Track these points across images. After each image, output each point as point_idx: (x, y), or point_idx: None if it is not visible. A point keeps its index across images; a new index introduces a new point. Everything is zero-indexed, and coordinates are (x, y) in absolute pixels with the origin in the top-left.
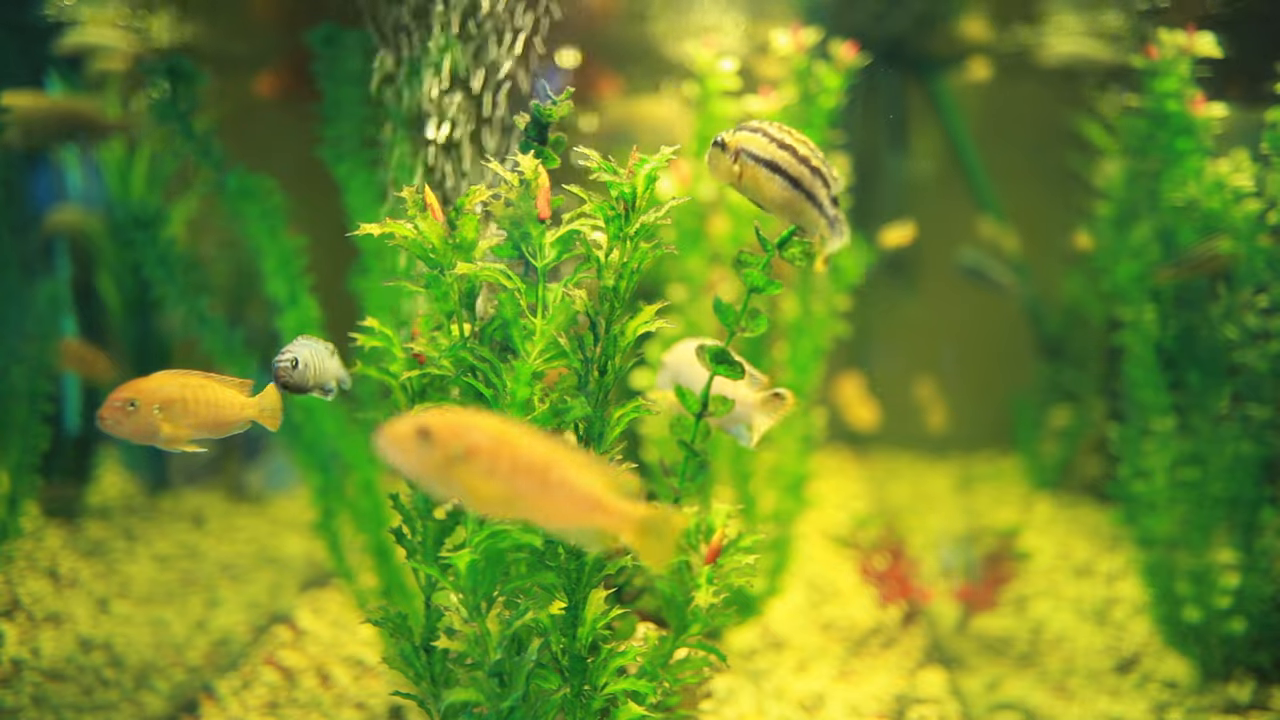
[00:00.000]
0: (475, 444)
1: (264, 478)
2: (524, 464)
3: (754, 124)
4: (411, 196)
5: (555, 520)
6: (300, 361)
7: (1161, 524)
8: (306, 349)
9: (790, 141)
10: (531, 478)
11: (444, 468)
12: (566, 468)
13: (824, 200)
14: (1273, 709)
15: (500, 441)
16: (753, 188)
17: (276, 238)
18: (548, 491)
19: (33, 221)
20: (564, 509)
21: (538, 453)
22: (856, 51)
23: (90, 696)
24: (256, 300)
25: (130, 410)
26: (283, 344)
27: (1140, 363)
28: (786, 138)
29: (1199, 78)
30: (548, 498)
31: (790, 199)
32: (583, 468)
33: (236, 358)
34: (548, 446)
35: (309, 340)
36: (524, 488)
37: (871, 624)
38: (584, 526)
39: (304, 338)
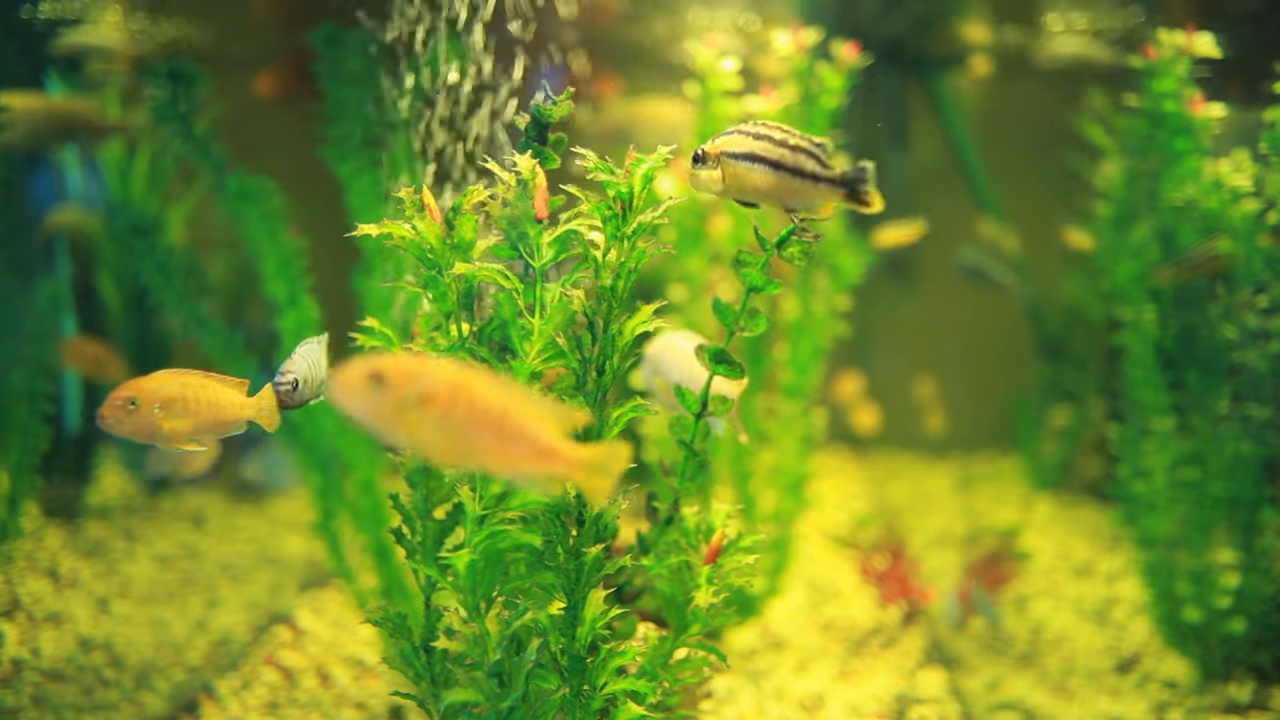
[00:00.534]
0: (430, 391)
1: (260, 469)
2: (480, 413)
3: (731, 129)
4: (409, 197)
5: (507, 468)
6: (300, 382)
7: (1161, 524)
8: (304, 363)
9: (765, 131)
10: (487, 427)
11: (396, 414)
12: (521, 416)
13: (814, 169)
14: (1273, 709)
15: (456, 388)
16: (737, 186)
17: (276, 240)
18: (503, 441)
19: (33, 221)
20: (517, 457)
21: (494, 401)
22: (858, 52)
23: (90, 696)
24: (256, 300)
25: (131, 409)
26: (281, 347)
27: (1140, 363)
28: (762, 129)
29: (1198, 78)
30: (502, 446)
31: (776, 182)
32: (536, 415)
33: (236, 360)
34: (502, 394)
35: (306, 346)
36: (480, 437)
37: (871, 624)
38: (536, 472)
39: (302, 346)
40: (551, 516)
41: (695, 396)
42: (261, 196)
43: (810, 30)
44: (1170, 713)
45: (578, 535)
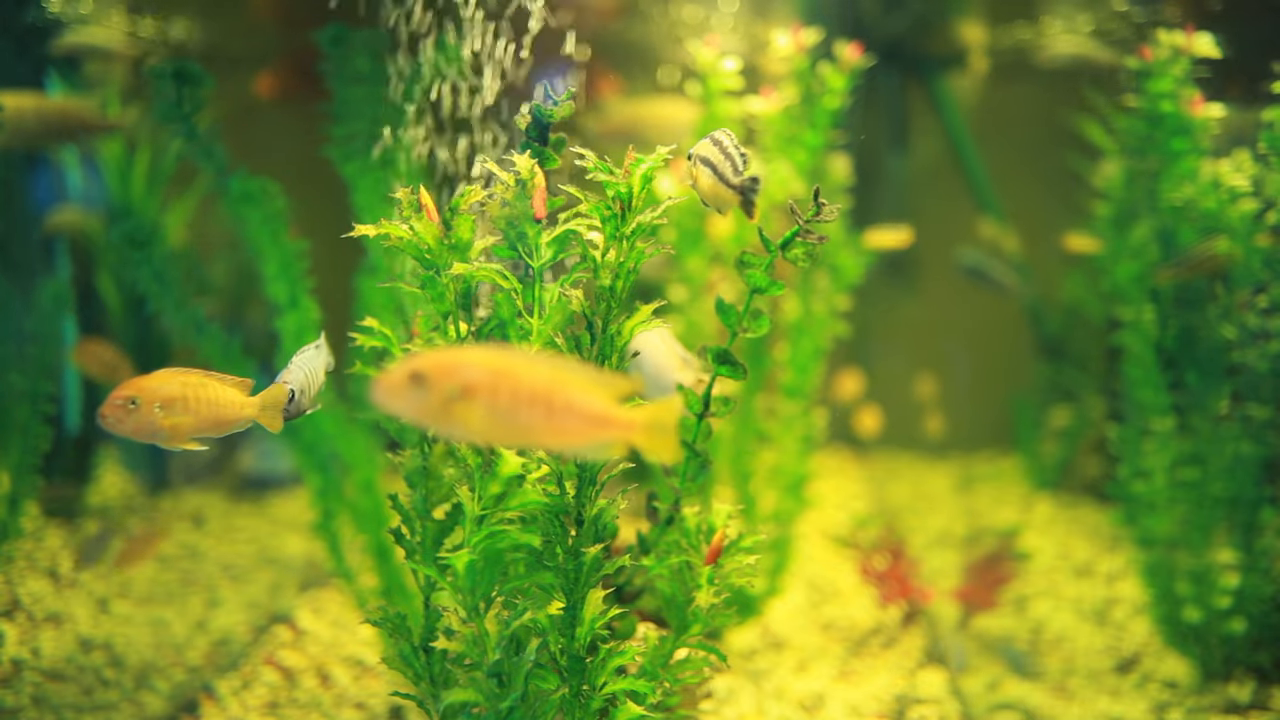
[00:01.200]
0: (471, 381)
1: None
2: (526, 394)
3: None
4: (407, 197)
5: (563, 442)
6: (297, 392)
7: (1161, 524)
8: (301, 372)
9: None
10: (535, 407)
11: (442, 410)
12: (569, 389)
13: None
14: (1273, 709)
15: (498, 374)
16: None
17: (278, 241)
18: (553, 417)
19: (33, 221)
20: (572, 430)
21: (540, 379)
22: (861, 53)
23: (90, 696)
24: (257, 301)
25: (131, 408)
26: (281, 349)
27: (1140, 363)
28: (719, 136)
29: (1198, 78)
30: (554, 423)
31: (712, 184)
32: (583, 386)
33: (235, 365)
34: (547, 371)
35: (302, 355)
36: (529, 418)
37: (871, 624)
38: (593, 442)
39: (298, 355)
40: (550, 516)
41: (697, 397)
42: (263, 198)
43: (810, 30)
44: (1170, 713)
45: (577, 535)
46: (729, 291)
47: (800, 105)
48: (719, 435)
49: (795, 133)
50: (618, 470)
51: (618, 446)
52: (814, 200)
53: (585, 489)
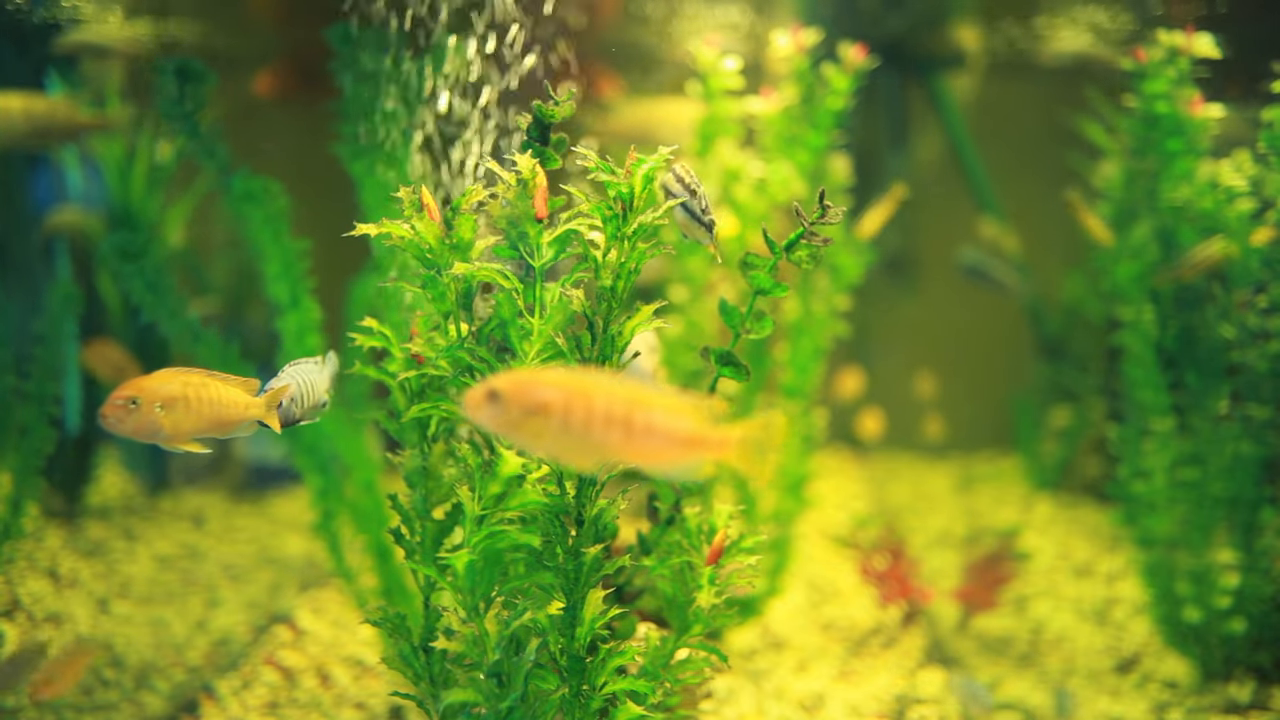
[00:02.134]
0: (544, 400)
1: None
2: (601, 414)
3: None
4: (408, 196)
5: (653, 461)
6: (285, 400)
7: (1161, 524)
8: (293, 383)
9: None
10: (613, 426)
11: (516, 425)
12: (652, 411)
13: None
14: (1273, 709)
15: (570, 394)
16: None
17: (280, 241)
18: (634, 438)
19: (33, 222)
20: (659, 451)
21: (617, 400)
22: (866, 54)
23: (90, 696)
24: (257, 301)
25: (132, 408)
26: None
27: (1140, 363)
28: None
29: (1198, 78)
30: (637, 443)
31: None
32: (669, 409)
33: (232, 369)
34: (625, 392)
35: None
36: (608, 436)
37: (871, 624)
38: (687, 464)
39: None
40: (550, 517)
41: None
42: (266, 197)
43: (810, 30)
44: (1170, 713)
45: (577, 535)
46: (729, 292)
47: (800, 105)
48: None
49: (795, 133)
50: (618, 470)
51: (708, 466)
52: (819, 202)
53: (585, 489)
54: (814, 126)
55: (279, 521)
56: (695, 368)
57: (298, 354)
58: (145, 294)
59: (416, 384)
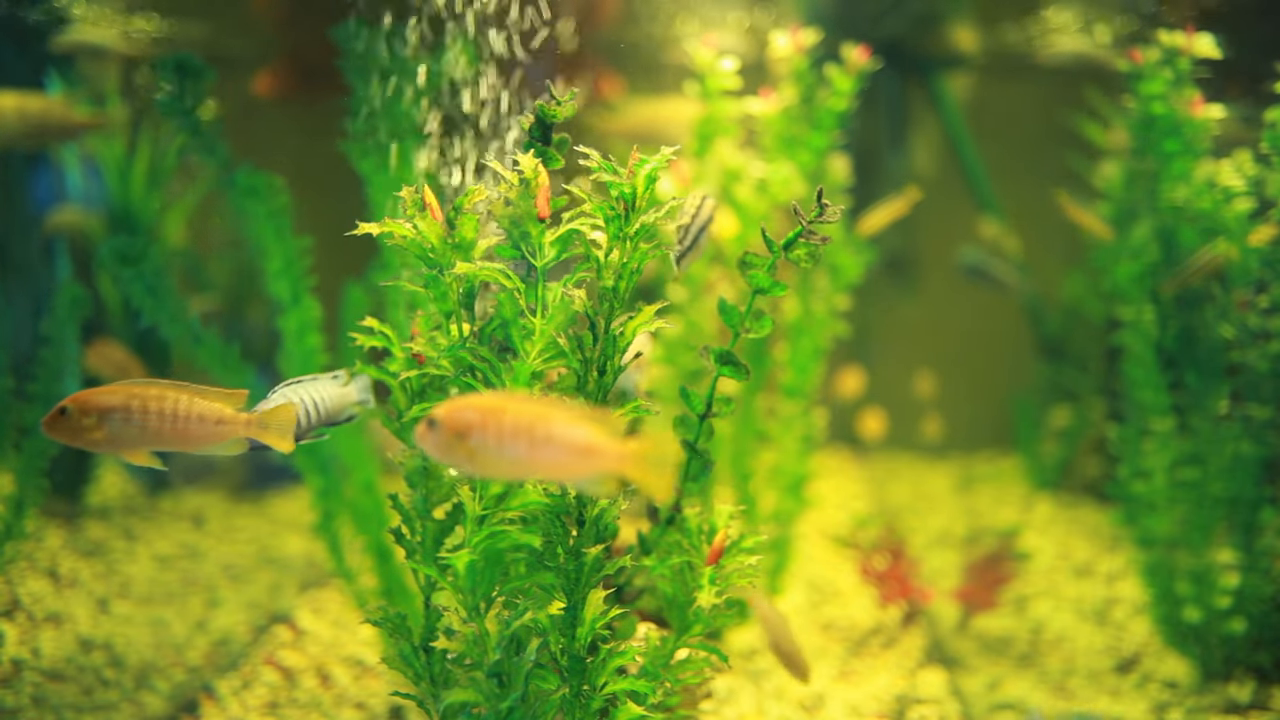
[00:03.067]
0: (468, 421)
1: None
2: (509, 428)
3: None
4: (410, 196)
5: (559, 472)
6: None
7: (1161, 524)
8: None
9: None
10: (520, 439)
11: (452, 448)
12: (552, 423)
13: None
14: (1273, 709)
15: (487, 413)
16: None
17: (282, 237)
18: (537, 448)
19: (33, 222)
20: (562, 460)
21: (523, 415)
22: (869, 55)
23: (90, 696)
24: (257, 300)
25: (60, 417)
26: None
27: (1140, 363)
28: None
29: (1198, 78)
30: (541, 453)
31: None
32: (569, 420)
33: (233, 371)
34: (533, 408)
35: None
36: (517, 449)
37: (871, 624)
38: (586, 473)
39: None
40: (551, 517)
41: (700, 398)
42: (268, 193)
43: (809, 30)
44: (1170, 713)
45: (578, 535)
46: (729, 291)
47: (800, 105)
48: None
49: (795, 133)
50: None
51: (610, 478)
52: (817, 201)
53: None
54: (815, 127)
55: (279, 521)
56: (695, 367)
57: (299, 353)
58: (145, 297)
59: (418, 384)
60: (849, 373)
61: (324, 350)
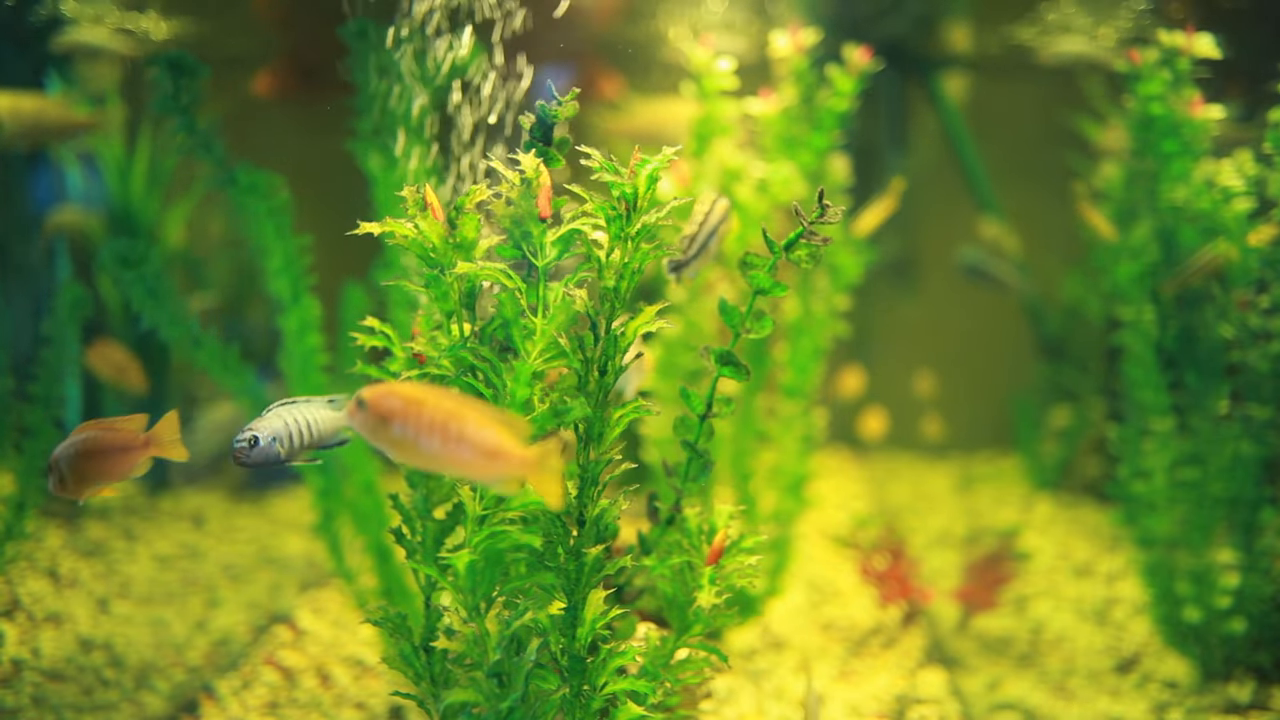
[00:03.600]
0: (391, 408)
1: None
2: (427, 422)
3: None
4: (411, 195)
5: (467, 470)
6: (265, 438)
7: (1161, 524)
8: (281, 420)
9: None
10: (434, 433)
11: (377, 431)
12: (465, 422)
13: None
14: (1273, 709)
15: (409, 403)
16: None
17: (282, 235)
18: (449, 445)
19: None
20: (469, 459)
21: (441, 411)
22: (870, 56)
23: (90, 696)
24: (258, 299)
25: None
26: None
27: (1140, 363)
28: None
29: (1198, 78)
30: (452, 450)
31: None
32: (482, 421)
33: (232, 372)
34: (452, 404)
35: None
36: (432, 443)
37: (871, 624)
38: (492, 475)
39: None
40: (552, 517)
41: (700, 397)
42: (268, 191)
43: (809, 30)
44: (1170, 713)
45: (578, 536)
46: (729, 291)
47: (800, 105)
48: (719, 435)
49: (795, 134)
50: (619, 471)
51: (513, 481)
52: (818, 201)
53: (587, 489)
54: (816, 127)
55: (279, 521)
56: (695, 367)
57: (299, 352)
58: (145, 300)
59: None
60: (849, 372)
61: (324, 350)
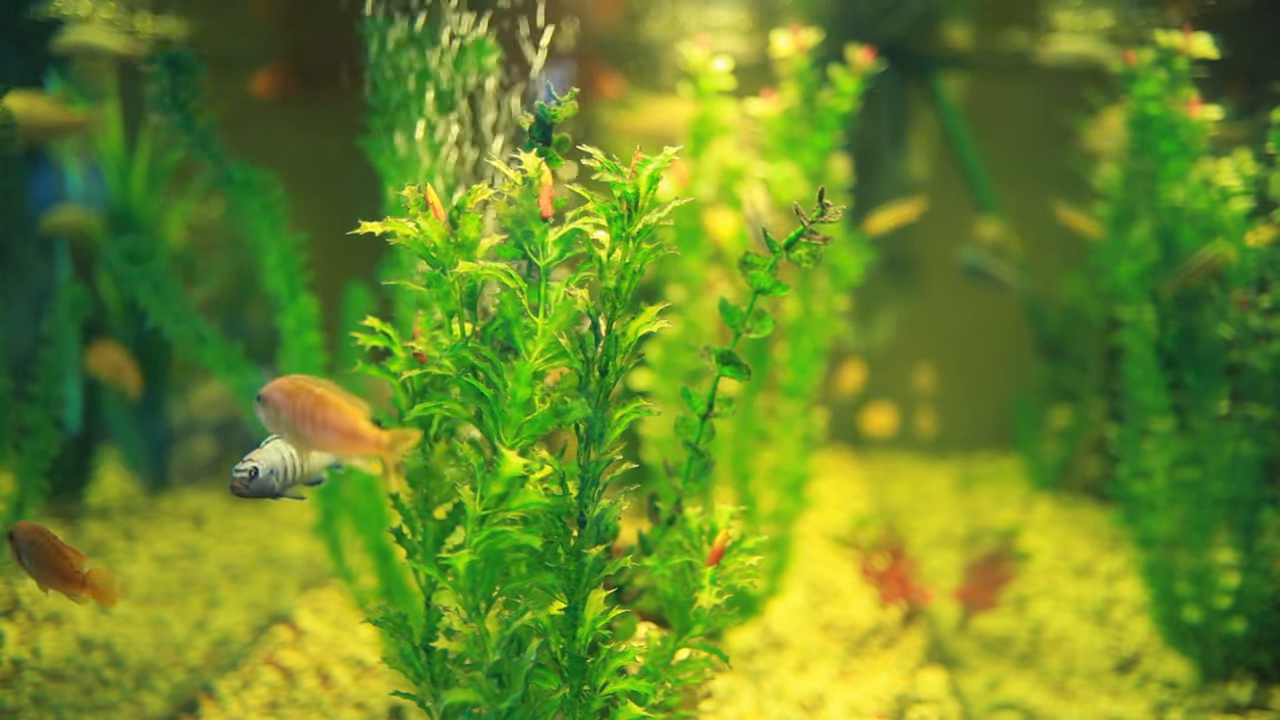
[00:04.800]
0: (278, 401)
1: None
2: (300, 410)
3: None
4: (413, 195)
5: (339, 450)
6: (264, 470)
7: (1161, 524)
8: (279, 455)
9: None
10: (308, 420)
11: (273, 421)
12: (327, 409)
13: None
14: (1273, 709)
15: (288, 395)
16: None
17: (278, 232)
18: (318, 430)
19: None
20: (337, 442)
21: (310, 401)
22: (873, 57)
23: (90, 696)
24: (257, 299)
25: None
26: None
27: (1140, 363)
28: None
29: (1196, 78)
30: (320, 434)
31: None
32: (339, 408)
33: (235, 370)
34: (319, 394)
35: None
36: (310, 430)
37: (871, 624)
38: (355, 454)
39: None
40: (552, 517)
41: (701, 398)
42: (264, 189)
43: (810, 31)
44: (1170, 713)
45: (578, 536)
46: (728, 291)
47: (802, 106)
48: (719, 435)
49: (796, 134)
50: (620, 471)
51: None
52: (819, 201)
53: (588, 489)
54: (817, 127)
55: (279, 521)
56: (695, 367)
57: (297, 350)
58: (151, 297)
59: (419, 383)
60: (850, 366)
61: (322, 348)
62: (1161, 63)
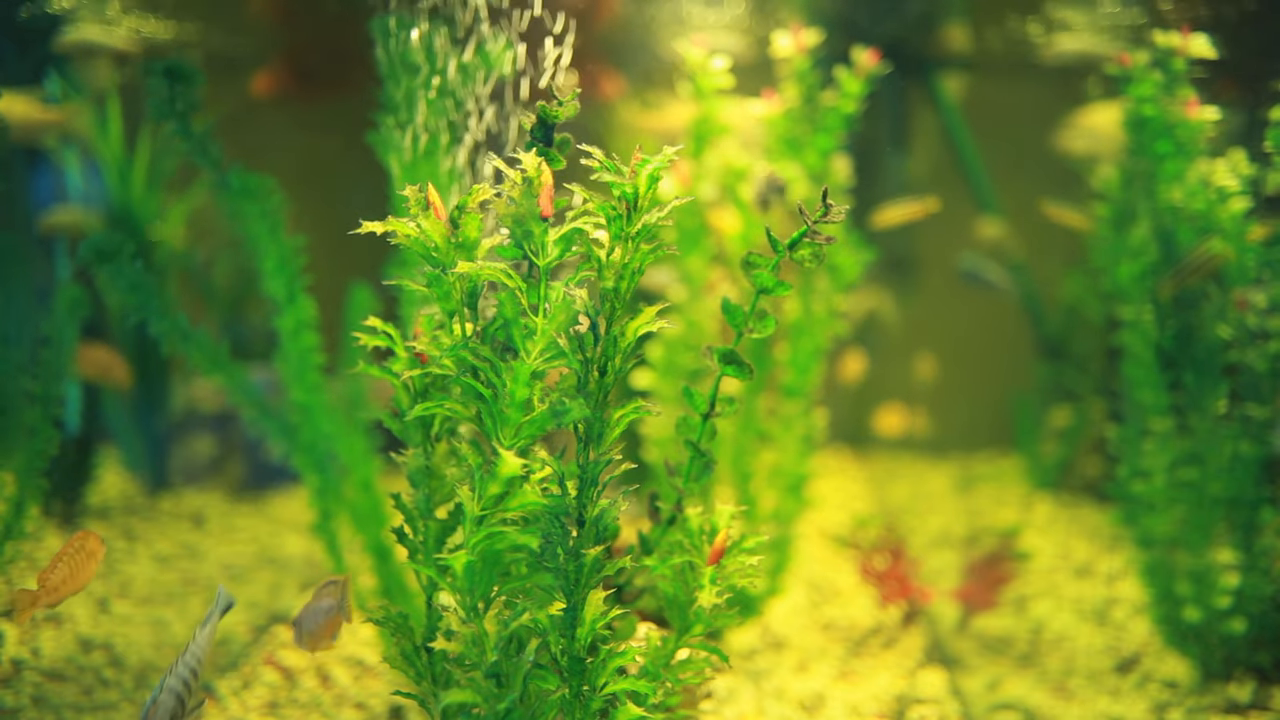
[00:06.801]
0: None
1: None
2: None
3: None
4: (414, 194)
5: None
6: (165, 706)
7: (1161, 524)
8: (179, 682)
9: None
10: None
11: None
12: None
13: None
14: (1273, 709)
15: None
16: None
17: (276, 236)
18: None
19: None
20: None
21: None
22: (864, 55)
23: (90, 696)
24: (256, 300)
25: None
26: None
27: (1139, 363)
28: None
29: (1194, 78)
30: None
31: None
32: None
33: (223, 369)
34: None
35: (179, 659)
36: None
37: (871, 624)
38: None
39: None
40: (551, 517)
41: (703, 397)
42: (262, 193)
43: (811, 31)
44: (1170, 713)
45: (577, 536)
46: (729, 291)
47: (803, 106)
48: (720, 435)
49: (798, 134)
50: (620, 471)
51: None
52: (822, 201)
53: (587, 490)
54: (820, 128)
55: (279, 521)
56: (696, 367)
57: (294, 351)
58: (129, 295)
59: (420, 383)
60: (850, 357)
61: (320, 349)
62: (1159, 63)
